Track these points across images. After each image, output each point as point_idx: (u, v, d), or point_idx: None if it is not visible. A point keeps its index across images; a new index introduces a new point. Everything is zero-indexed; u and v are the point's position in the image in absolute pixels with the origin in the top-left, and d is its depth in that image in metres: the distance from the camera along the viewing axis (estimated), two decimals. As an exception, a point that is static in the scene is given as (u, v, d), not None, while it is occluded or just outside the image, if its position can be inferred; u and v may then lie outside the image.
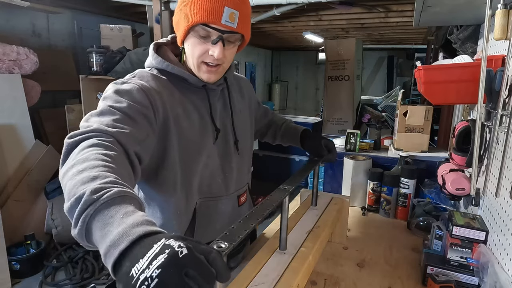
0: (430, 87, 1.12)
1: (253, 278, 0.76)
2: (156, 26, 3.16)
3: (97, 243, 0.48)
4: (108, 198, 0.50)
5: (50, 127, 3.32)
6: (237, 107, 1.08)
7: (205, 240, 1.00)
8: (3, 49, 2.61)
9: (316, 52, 8.29)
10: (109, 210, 0.49)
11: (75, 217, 0.50)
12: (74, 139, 0.66)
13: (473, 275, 0.98)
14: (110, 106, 0.75)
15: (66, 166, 0.60)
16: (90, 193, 0.50)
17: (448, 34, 1.67)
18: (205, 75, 0.91)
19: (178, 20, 0.87)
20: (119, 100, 0.77)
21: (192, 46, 0.88)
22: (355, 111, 5.27)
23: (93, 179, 0.53)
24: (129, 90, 0.81)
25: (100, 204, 0.49)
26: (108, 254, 0.45)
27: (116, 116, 0.73)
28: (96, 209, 0.49)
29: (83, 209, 0.50)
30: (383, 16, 3.73)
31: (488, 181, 0.94)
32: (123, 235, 0.45)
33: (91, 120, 0.72)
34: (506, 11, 0.78)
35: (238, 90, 1.12)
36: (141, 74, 0.90)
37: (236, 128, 1.04)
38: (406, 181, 1.50)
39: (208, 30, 0.83)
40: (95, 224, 0.49)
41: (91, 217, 0.49)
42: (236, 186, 1.07)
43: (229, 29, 0.84)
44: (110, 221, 0.48)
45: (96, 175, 0.54)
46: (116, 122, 0.71)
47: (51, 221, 2.72)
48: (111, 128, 0.69)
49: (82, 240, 0.51)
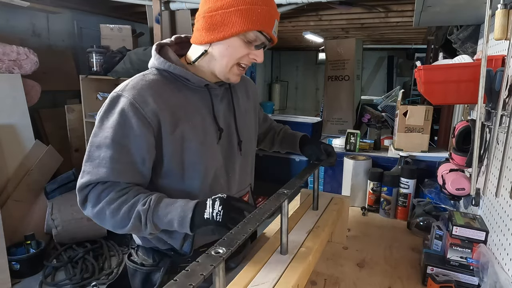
0: (430, 87, 1.12)
1: (253, 278, 0.76)
2: (156, 26, 3.15)
3: (167, 227, 0.83)
4: (153, 201, 0.82)
5: (50, 127, 3.33)
6: (241, 107, 1.07)
7: (205, 241, 1.00)
8: (3, 49, 2.61)
9: (316, 52, 8.29)
10: (160, 208, 0.82)
11: (143, 224, 0.82)
12: (86, 190, 0.85)
13: (473, 275, 0.98)
14: (104, 136, 0.84)
15: (94, 209, 0.85)
16: (142, 207, 0.81)
17: (448, 34, 1.67)
18: (235, 77, 0.95)
19: (225, 20, 0.85)
20: (112, 127, 0.85)
21: (234, 48, 0.89)
22: (355, 111, 5.28)
23: (134, 203, 0.83)
24: (122, 113, 0.85)
25: (152, 208, 0.82)
26: (181, 228, 0.81)
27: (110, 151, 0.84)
28: (152, 212, 0.81)
29: (145, 218, 0.81)
30: (383, 16, 3.72)
31: (488, 181, 0.94)
32: (182, 216, 0.80)
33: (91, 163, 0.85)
34: (506, 11, 0.78)
35: (244, 90, 1.12)
36: (136, 82, 0.90)
37: (239, 128, 1.04)
38: (406, 181, 1.50)
39: (259, 36, 0.88)
40: (158, 220, 0.82)
41: (153, 217, 0.82)
42: (239, 187, 1.06)
43: (273, 39, 0.91)
44: (167, 212, 0.82)
45: (133, 201, 0.83)
46: (111, 161, 0.84)
47: (51, 221, 2.72)
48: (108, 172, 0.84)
49: (155, 231, 0.84)
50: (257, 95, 1.22)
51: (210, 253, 0.57)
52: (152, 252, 1.01)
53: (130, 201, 0.82)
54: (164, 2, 3.16)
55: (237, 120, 1.04)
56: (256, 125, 1.17)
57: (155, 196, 0.83)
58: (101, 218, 0.84)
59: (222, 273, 0.57)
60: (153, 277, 1.00)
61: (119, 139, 0.84)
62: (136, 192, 0.85)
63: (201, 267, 0.53)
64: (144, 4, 3.25)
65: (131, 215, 0.81)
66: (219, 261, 0.55)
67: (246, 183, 1.11)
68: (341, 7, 3.30)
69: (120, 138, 0.84)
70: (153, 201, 0.82)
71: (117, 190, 0.84)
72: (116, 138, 0.84)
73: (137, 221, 0.81)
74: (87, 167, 0.85)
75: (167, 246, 0.98)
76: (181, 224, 0.80)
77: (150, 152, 0.88)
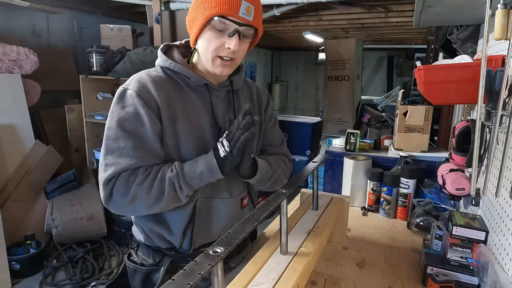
0: (430, 87, 1.12)
1: (253, 278, 0.76)
2: (156, 26, 3.16)
3: (199, 183, 0.90)
4: (178, 167, 0.88)
5: (50, 127, 3.33)
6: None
7: (207, 240, 1.00)
8: (3, 49, 2.61)
9: (316, 52, 8.29)
10: (186, 169, 0.89)
11: (177, 189, 0.87)
12: (111, 183, 0.86)
13: (473, 275, 0.98)
14: (120, 128, 0.87)
15: (125, 197, 0.87)
16: (171, 174, 0.87)
17: (448, 34, 1.67)
18: (219, 68, 0.92)
19: (194, 16, 0.89)
20: (126, 119, 0.88)
21: (207, 41, 0.89)
22: (355, 111, 5.28)
23: (162, 177, 0.87)
24: (131, 103, 0.89)
25: (180, 172, 0.88)
26: (212, 171, 0.88)
27: (129, 140, 0.87)
28: (181, 174, 0.87)
29: (178, 182, 0.87)
30: (383, 16, 3.73)
31: (488, 181, 0.94)
32: (208, 159, 0.89)
33: (111, 155, 0.87)
34: (506, 11, 0.78)
35: (249, 97, 1.11)
36: (140, 76, 0.93)
37: None
38: (406, 181, 1.50)
39: (226, 22, 0.86)
40: (190, 179, 0.88)
41: (185, 179, 0.88)
42: (240, 188, 1.06)
43: (246, 22, 0.87)
44: (195, 171, 0.88)
45: (160, 175, 0.88)
46: (133, 150, 0.87)
47: (51, 221, 2.72)
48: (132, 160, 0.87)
49: (191, 191, 0.90)
50: (265, 105, 1.15)
51: (208, 253, 0.57)
52: (152, 251, 1.01)
53: (158, 176, 0.87)
54: (164, 2, 3.16)
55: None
56: (259, 133, 1.12)
57: (176, 163, 0.89)
58: (135, 203, 0.86)
59: (220, 272, 0.57)
60: (153, 277, 1.00)
61: (134, 129, 0.87)
62: (158, 168, 0.89)
63: (199, 267, 0.53)
64: (144, 4, 3.26)
65: (164, 186, 0.86)
66: (217, 260, 0.56)
67: (245, 185, 1.09)
68: (341, 7, 3.31)
69: (135, 128, 0.87)
70: (178, 166, 0.88)
71: (141, 172, 0.87)
72: (130, 128, 0.87)
73: (171, 189, 0.86)
74: (109, 160, 0.86)
75: (168, 245, 0.99)
76: (211, 171, 0.87)
77: (160, 133, 0.92)
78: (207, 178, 0.89)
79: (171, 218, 0.97)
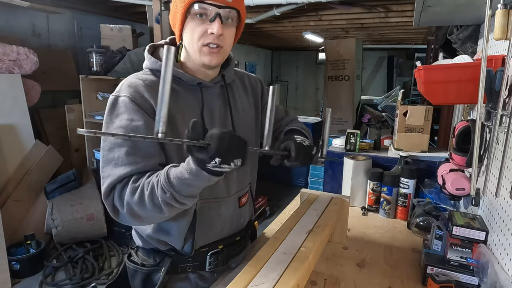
0: (430, 87, 1.12)
1: (253, 278, 0.76)
2: (156, 26, 3.16)
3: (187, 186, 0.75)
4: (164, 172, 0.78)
5: (50, 127, 3.33)
6: (238, 105, 1.06)
7: (207, 241, 1.00)
8: (3, 49, 2.61)
9: (316, 52, 8.29)
10: (170, 172, 0.77)
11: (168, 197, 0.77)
12: (110, 197, 0.83)
13: (473, 275, 0.98)
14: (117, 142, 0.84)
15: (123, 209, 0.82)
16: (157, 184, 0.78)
17: (448, 34, 1.67)
18: (207, 57, 0.90)
19: (174, 10, 0.89)
20: (120, 126, 0.85)
21: (191, 31, 0.88)
22: (355, 111, 5.28)
23: (152, 188, 0.78)
24: (124, 110, 0.86)
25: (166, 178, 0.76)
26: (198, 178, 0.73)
27: (124, 148, 0.84)
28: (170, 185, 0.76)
29: (168, 190, 0.76)
30: (383, 16, 3.73)
31: (488, 181, 0.94)
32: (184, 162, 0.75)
33: (108, 164, 0.84)
34: (506, 11, 0.78)
35: (242, 88, 1.10)
36: (130, 81, 0.91)
37: (236, 127, 1.03)
38: (406, 181, 1.50)
39: (205, 6, 0.84)
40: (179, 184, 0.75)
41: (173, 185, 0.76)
42: (238, 187, 1.06)
43: (225, 3, 0.85)
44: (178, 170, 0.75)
45: (150, 185, 0.79)
46: (127, 156, 0.83)
47: (51, 221, 2.72)
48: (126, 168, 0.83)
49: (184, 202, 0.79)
50: (260, 92, 1.16)
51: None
52: (153, 252, 1.01)
53: (147, 187, 0.79)
54: (164, 2, 3.16)
55: (234, 118, 1.03)
56: (258, 122, 1.15)
57: (165, 169, 0.79)
58: (135, 216, 0.82)
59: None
60: (154, 277, 1.00)
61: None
62: (148, 176, 0.83)
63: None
64: (144, 4, 3.25)
65: (155, 197, 0.78)
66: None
67: (246, 183, 1.10)
68: (341, 7, 3.31)
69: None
70: (164, 172, 0.78)
71: (131, 182, 0.82)
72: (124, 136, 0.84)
73: (164, 199, 0.77)
74: (106, 172, 0.84)
75: (168, 247, 0.98)
76: (190, 169, 0.73)
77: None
78: (189, 178, 0.75)
79: (171, 226, 0.95)
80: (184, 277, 1.01)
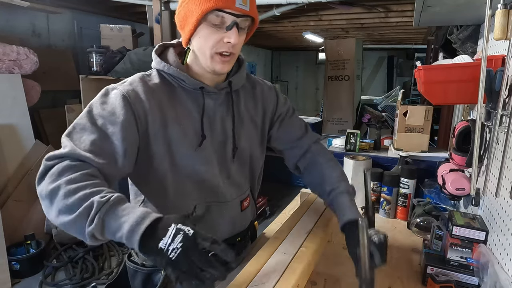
0: (430, 87, 1.12)
1: (253, 278, 0.76)
2: (156, 26, 3.16)
3: (114, 233, 0.66)
4: (114, 199, 0.68)
5: (50, 127, 3.33)
6: (243, 114, 1.02)
7: None
8: (3, 49, 2.61)
9: (316, 52, 8.29)
10: (117, 208, 0.67)
11: (90, 218, 0.65)
12: (52, 162, 0.74)
13: (473, 275, 0.98)
14: (91, 122, 0.80)
15: (49, 185, 0.71)
16: (99, 199, 0.67)
17: (448, 34, 1.67)
18: (219, 65, 0.87)
19: (186, 12, 0.83)
20: (100, 114, 0.81)
21: (204, 38, 0.84)
22: (355, 111, 5.28)
23: (92, 193, 0.68)
24: (112, 102, 0.83)
25: (110, 204, 0.67)
26: (130, 237, 0.64)
27: (94, 135, 0.79)
28: (108, 208, 0.66)
29: (96, 210, 0.65)
30: (383, 16, 3.73)
31: (488, 181, 0.95)
32: (138, 222, 0.64)
33: (70, 140, 0.78)
34: (506, 11, 0.78)
35: (251, 96, 1.06)
36: (132, 79, 0.90)
37: (237, 137, 1.00)
38: (406, 181, 1.50)
39: (223, 15, 0.81)
40: (109, 219, 0.66)
41: (105, 214, 0.66)
42: (238, 191, 1.04)
43: (243, 12, 0.82)
44: (122, 214, 0.66)
45: (93, 190, 0.69)
46: (92, 145, 0.77)
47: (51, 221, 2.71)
48: (86, 152, 0.76)
49: (98, 234, 0.66)
50: (273, 102, 1.10)
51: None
52: None
53: (90, 189, 0.69)
54: (164, 2, 3.16)
55: (235, 127, 0.99)
56: (264, 133, 1.09)
57: (118, 195, 0.70)
58: (52, 197, 0.70)
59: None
60: (154, 277, 1.00)
61: (104, 127, 0.80)
62: (101, 184, 0.73)
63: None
64: (144, 4, 3.26)
65: (83, 202, 0.67)
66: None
67: (245, 187, 1.08)
68: (341, 7, 3.31)
69: (106, 126, 0.80)
70: (115, 197, 0.68)
71: (84, 173, 0.72)
72: (101, 125, 0.80)
73: (85, 211, 0.66)
74: (65, 142, 0.78)
75: None
76: (131, 234, 0.64)
77: (132, 146, 0.84)
78: (123, 234, 0.65)
79: None
80: None
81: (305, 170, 1.11)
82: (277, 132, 1.11)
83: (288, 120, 1.12)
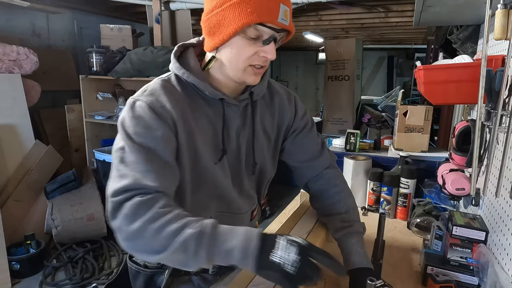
0: (430, 87, 1.12)
1: (253, 278, 0.76)
2: (156, 26, 3.16)
3: (225, 261, 0.65)
4: (211, 227, 0.67)
5: (50, 127, 3.33)
6: (259, 126, 0.97)
7: None
8: (3, 49, 2.61)
9: (316, 52, 8.29)
10: (217, 236, 0.66)
11: (193, 251, 0.65)
12: (119, 198, 0.71)
13: (473, 275, 0.98)
14: (132, 142, 0.76)
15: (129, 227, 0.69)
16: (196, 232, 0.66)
17: (448, 34, 1.67)
18: (252, 77, 0.83)
19: (220, 20, 0.76)
20: (136, 132, 0.77)
21: (238, 49, 0.79)
22: (355, 111, 5.27)
23: (183, 226, 0.67)
24: (141, 116, 0.78)
25: (209, 232, 0.66)
26: (244, 262, 0.64)
27: (142, 155, 0.75)
28: (210, 237, 0.65)
29: (199, 242, 0.65)
30: (383, 16, 3.73)
31: (488, 181, 0.94)
32: (247, 245, 0.64)
33: (125, 166, 0.74)
34: (506, 11, 0.78)
35: (268, 106, 1.00)
36: (153, 88, 0.84)
37: (256, 149, 0.96)
38: (406, 181, 1.50)
39: (263, 30, 0.76)
40: (214, 249, 0.65)
41: (208, 246, 0.65)
42: (250, 203, 1.04)
43: (283, 27, 0.77)
44: (225, 239, 0.65)
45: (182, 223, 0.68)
46: (147, 170, 0.74)
47: (51, 221, 2.72)
48: (147, 180, 0.73)
49: (205, 265, 0.66)
50: (291, 113, 1.04)
51: None
52: None
53: (176, 222, 0.68)
54: (164, 2, 3.16)
55: (255, 140, 0.95)
56: (277, 144, 1.05)
57: (209, 220, 0.69)
58: (138, 237, 0.69)
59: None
60: (157, 279, 0.98)
61: (145, 143, 0.76)
62: (182, 214, 0.71)
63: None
64: (144, 4, 3.26)
65: (178, 237, 0.66)
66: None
67: (255, 198, 1.07)
68: (341, 7, 3.31)
69: (146, 142, 0.77)
70: (209, 224, 0.67)
71: (158, 207, 0.70)
72: (142, 142, 0.76)
73: (183, 246, 0.65)
74: (122, 171, 0.74)
75: None
76: (245, 254, 0.63)
77: (175, 151, 0.82)
78: (235, 258, 0.65)
79: None
80: (187, 279, 0.99)
81: (314, 195, 1.09)
82: (290, 147, 1.07)
83: (302, 136, 1.06)
